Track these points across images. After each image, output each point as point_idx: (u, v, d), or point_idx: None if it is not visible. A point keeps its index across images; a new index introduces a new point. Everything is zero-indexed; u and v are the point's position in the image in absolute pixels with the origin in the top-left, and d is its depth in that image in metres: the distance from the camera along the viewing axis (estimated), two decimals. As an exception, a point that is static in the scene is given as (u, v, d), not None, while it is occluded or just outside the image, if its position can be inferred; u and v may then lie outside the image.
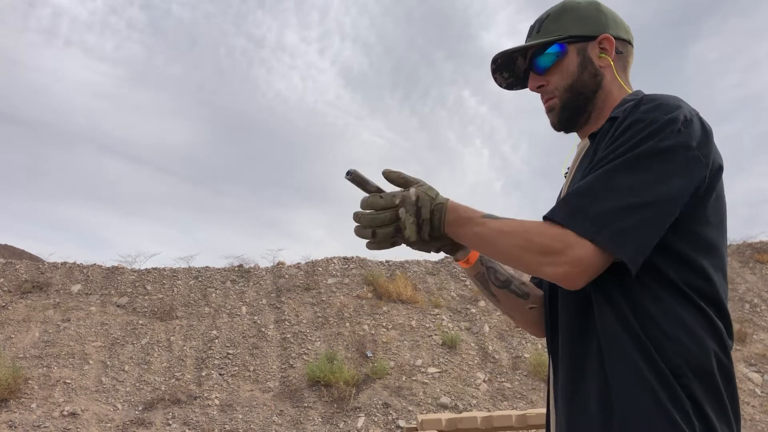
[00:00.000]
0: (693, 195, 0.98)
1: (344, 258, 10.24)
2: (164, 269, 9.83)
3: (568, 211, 0.96)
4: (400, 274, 9.69)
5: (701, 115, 1.06)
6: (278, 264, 10.25)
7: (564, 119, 1.22)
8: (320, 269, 9.91)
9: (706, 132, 1.02)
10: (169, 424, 6.63)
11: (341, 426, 6.64)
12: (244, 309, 8.96)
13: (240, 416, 6.81)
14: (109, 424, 6.55)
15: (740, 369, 7.93)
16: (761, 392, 7.53)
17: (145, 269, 9.83)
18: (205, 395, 7.15)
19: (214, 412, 6.86)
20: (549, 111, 1.24)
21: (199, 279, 9.63)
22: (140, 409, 6.87)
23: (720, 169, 1.03)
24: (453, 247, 1.14)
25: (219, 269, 10.00)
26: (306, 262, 10.24)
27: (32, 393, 6.92)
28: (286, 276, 9.80)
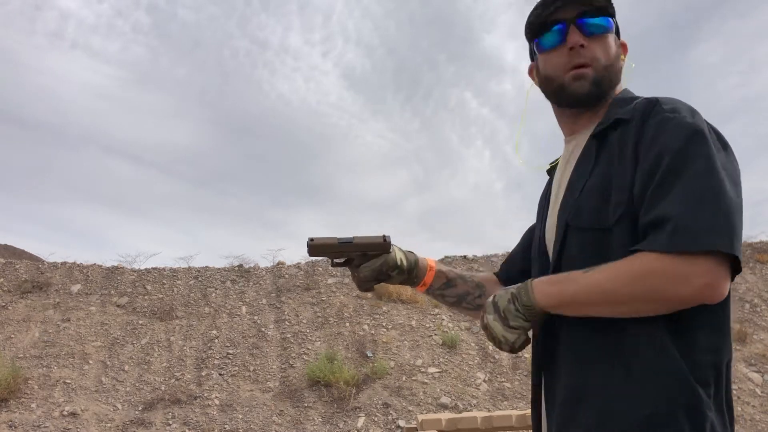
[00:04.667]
0: None
1: (344, 258, 10.24)
2: (164, 269, 9.83)
3: (680, 235, 0.89)
4: (400, 274, 9.68)
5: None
6: (278, 264, 10.25)
7: (594, 94, 1.12)
8: (320, 269, 9.91)
9: (724, 138, 1.02)
10: (169, 424, 6.63)
11: (341, 426, 6.64)
12: (244, 309, 8.95)
13: (240, 416, 6.81)
14: (109, 424, 6.55)
15: (740, 369, 7.92)
16: (761, 392, 7.53)
17: (145, 269, 9.82)
18: (205, 395, 7.15)
19: (214, 412, 6.86)
20: (579, 78, 1.11)
21: (199, 279, 9.63)
22: (140, 409, 6.87)
23: None
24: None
25: (219, 269, 10.00)
26: (306, 262, 10.24)
27: (32, 393, 6.91)
28: (286, 276, 9.80)
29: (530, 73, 1.26)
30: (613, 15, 1.15)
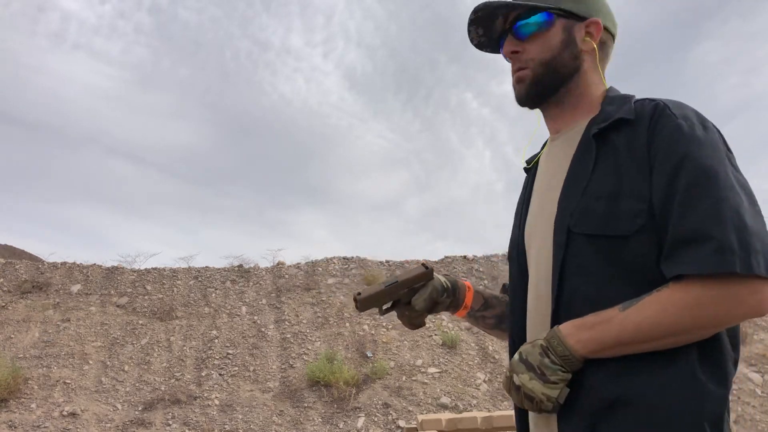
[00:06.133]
0: None
1: (344, 258, 10.24)
2: (164, 269, 9.83)
3: (728, 257, 0.86)
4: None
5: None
6: (278, 264, 10.25)
7: (533, 94, 1.13)
8: (320, 269, 9.91)
9: (723, 137, 1.01)
10: (169, 425, 6.62)
11: (341, 426, 6.64)
12: (244, 309, 8.95)
13: (240, 416, 6.80)
14: (108, 424, 6.55)
15: (740, 369, 7.92)
16: (761, 392, 7.53)
17: (145, 269, 9.83)
18: (205, 395, 7.15)
19: (214, 412, 6.86)
20: (518, 82, 1.14)
21: (199, 279, 9.63)
22: (140, 409, 6.86)
23: None
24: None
25: (219, 269, 10.00)
26: (306, 262, 10.24)
27: (32, 393, 6.91)
28: (286, 276, 9.80)
29: None
30: (555, 4, 1.12)
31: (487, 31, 1.19)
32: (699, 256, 0.87)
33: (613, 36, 1.17)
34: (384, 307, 1.23)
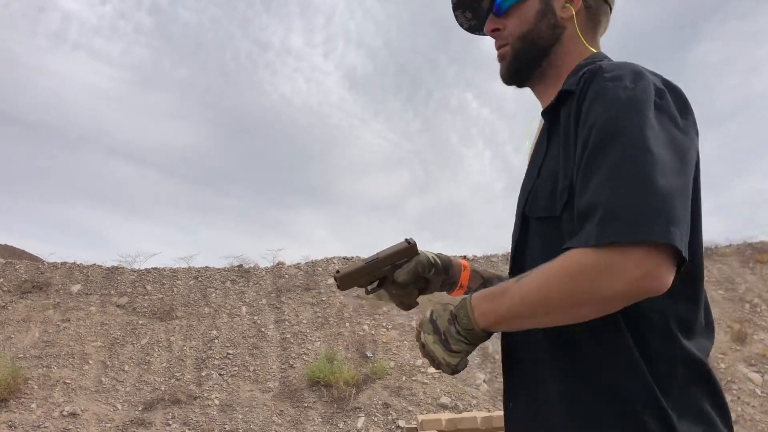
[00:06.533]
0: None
1: (344, 258, 10.24)
2: (164, 269, 9.83)
3: (608, 226, 0.78)
4: (400, 274, 9.68)
5: (669, 80, 0.93)
6: (278, 264, 10.24)
7: (513, 70, 1.09)
8: (320, 269, 9.91)
9: (683, 100, 0.90)
10: (169, 425, 6.62)
11: (341, 426, 6.64)
12: (244, 309, 8.95)
13: (240, 416, 6.80)
14: (108, 424, 6.55)
15: (740, 369, 7.92)
16: (761, 392, 7.53)
17: (145, 269, 9.82)
18: (205, 395, 7.15)
19: (214, 413, 6.86)
20: (500, 59, 1.11)
21: (199, 279, 9.62)
22: (140, 409, 6.86)
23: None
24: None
25: (219, 269, 10.00)
26: (306, 262, 10.24)
27: (32, 393, 6.91)
28: (286, 276, 9.80)
29: None
30: None
31: (476, 13, 1.16)
32: (585, 228, 0.80)
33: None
34: (369, 287, 1.18)
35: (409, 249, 1.16)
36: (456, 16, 1.18)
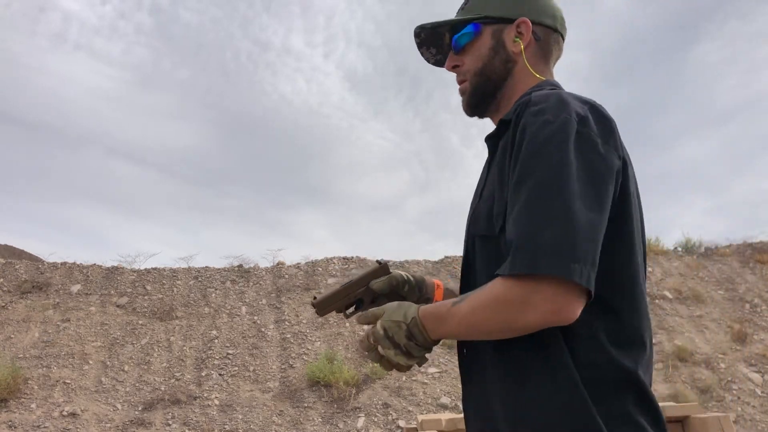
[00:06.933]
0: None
1: (344, 258, 10.24)
2: (164, 269, 9.83)
3: (519, 258, 0.86)
4: (400, 274, 9.68)
5: (597, 104, 0.98)
6: (278, 264, 10.24)
7: (473, 104, 1.17)
8: (320, 269, 9.91)
9: (605, 125, 0.94)
10: (169, 425, 6.62)
11: (341, 426, 6.64)
12: (243, 309, 8.95)
13: (240, 416, 6.80)
14: (108, 424, 6.55)
15: (740, 369, 7.92)
16: (761, 392, 7.53)
17: (145, 269, 9.82)
18: (205, 395, 7.15)
19: (214, 413, 6.86)
20: (461, 94, 1.20)
21: (199, 279, 9.62)
22: (140, 409, 6.86)
23: (626, 164, 0.96)
24: None
25: (219, 269, 10.00)
26: (306, 262, 10.24)
27: (32, 393, 6.91)
28: (286, 276, 9.80)
29: None
30: (481, 13, 1.14)
31: (440, 49, 1.23)
32: (507, 260, 0.87)
33: (554, 28, 1.16)
34: (348, 311, 1.23)
35: (380, 269, 1.22)
36: (421, 53, 1.25)
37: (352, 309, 1.23)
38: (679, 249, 11.09)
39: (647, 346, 0.97)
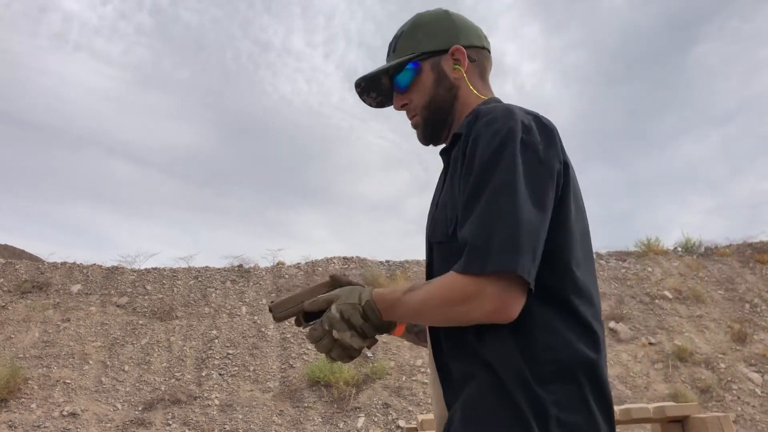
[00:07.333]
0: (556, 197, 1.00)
1: (344, 258, 10.25)
2: (164, 269, 9.83)
3: (472, 256, 0.93)
4: (400, 274, 9.69)
5: (540, 115, 1.07)
6: (278, 264, 10.25)
7: (428, 135, 1.24)
8: (320, 269, 9.91)
9: (547, 133, 1.02)
10: (169, 424, 6.63)
11: (341, 426, 6.64)
12: (244, 309, 8.96)
13: (240, 416, 6.81)
14: (109, 424, 6.55)
15: (740, 369, 7.93)
16: (761, 392, 7.53)
17: (145, 269, 9.82)
18: (205, 395, 7.15)
19: (214, 412, 6.86)
20: (415, 128, 1.26)
21: (199, 279, 9.63)
22: (140, 409, 6.87)
23: (567, 166, 1.04)
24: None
25: (219, 269, 10.00)
26: (306, 262, 10.24)
27: (32, 393, 6.91)
28: (286, 276, 9.80)
29: None
30: (416, 51, 1.21)
31: (380, 92, 1.29)
32: (461, 259, 0.95)
33: (483, 46, 1.25)
34: (306, 322, 1.23)
35: (329, 282, 1.25)
36: (363, 100, 1.31)
37: (312, 316, 1.24)
38: (679, 249, 11.10)
39: (598, 333, 1.02)
